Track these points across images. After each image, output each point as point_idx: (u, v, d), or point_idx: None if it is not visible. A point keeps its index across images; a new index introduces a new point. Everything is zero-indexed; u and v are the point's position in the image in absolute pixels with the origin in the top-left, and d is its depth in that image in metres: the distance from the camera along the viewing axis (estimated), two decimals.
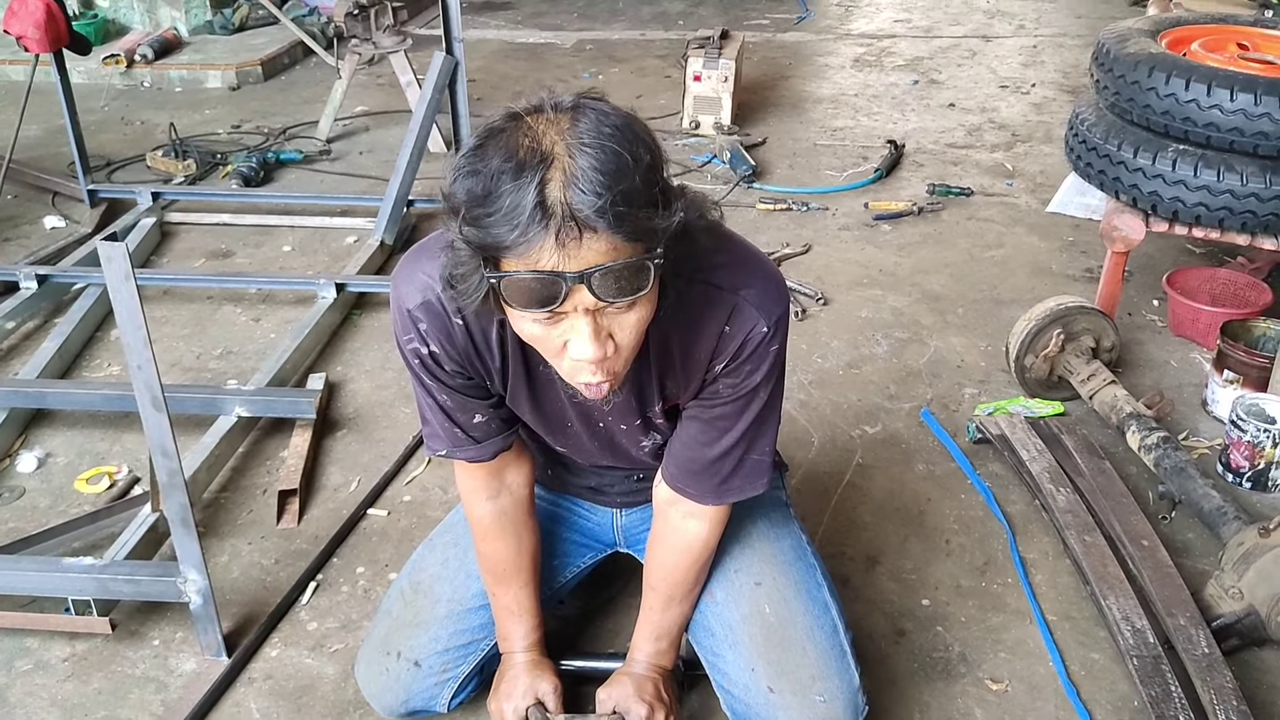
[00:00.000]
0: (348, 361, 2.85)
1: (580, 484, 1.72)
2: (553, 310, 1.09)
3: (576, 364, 1.17)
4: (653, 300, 1.17)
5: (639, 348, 1.21)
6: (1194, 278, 2.92)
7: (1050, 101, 4.75)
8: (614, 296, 1.09)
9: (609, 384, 1.21)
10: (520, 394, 1.42)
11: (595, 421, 1.48)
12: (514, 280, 1.07)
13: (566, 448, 1.58)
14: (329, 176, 4.10)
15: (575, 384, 1.23)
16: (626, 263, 1.07)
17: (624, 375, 1.25)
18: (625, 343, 1.17)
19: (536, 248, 1.04)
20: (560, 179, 1.03)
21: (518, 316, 1.15)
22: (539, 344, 1.19)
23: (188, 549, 1.76)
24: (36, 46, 3.27)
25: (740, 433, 1.41)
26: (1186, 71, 2.28)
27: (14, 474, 2.40)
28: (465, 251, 1.11)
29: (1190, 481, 2.11)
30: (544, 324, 1.13)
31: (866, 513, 2.25)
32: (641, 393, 1.41)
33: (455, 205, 1.10)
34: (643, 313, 1.16)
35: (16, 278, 3.08)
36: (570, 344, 1.14)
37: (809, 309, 3.05)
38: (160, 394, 1.63)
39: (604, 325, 1.14)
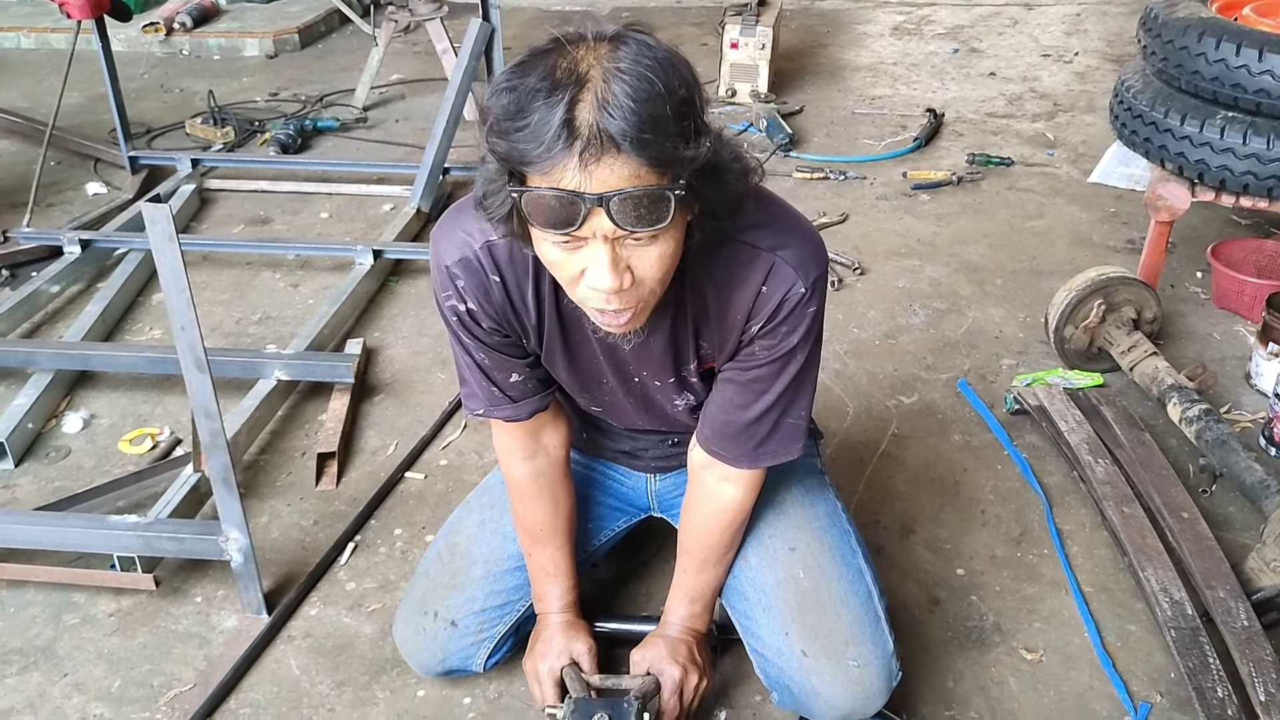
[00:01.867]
0: (385, 327, 2.87)
1: (615, 448, 1.73)
2: (570, 233, 1.09)
3: (592, 292, 1.16)
4: (675, 237, 1.16)
5: (663, 284, 1.20)
6: (1239, 249, 2.87)
7: (1093, 70, 4.66)
8: (632, 224, 1.08)
9: (628, 316, 1.20)
10: (555, 351, 1.43)
11: (630, 378, 1.48)
12: (535, 196, 1.08)
13: (602, 407, 1.58)
14: (365, 144, 4.12)
15: (591, 312, 1.22)
16: (647, 189, 1.06)
17: (646, 314, 1.24)
18: (645, 276, 1.16)
19: (559, 166, 1.04)
20: (591, 101, 1.03)
21: (539, 238, 1.15)
22: (557, 270, 1.19)
23: (229, 508, 1.79)
24: (78, 13, 3.29)
25: (776, 396, 1.40)
26: (1237, 36, 2.23)
27: (60, 434, 2.44)
28: (494, 167, 1.12)
29: (1232, 454, 2.08)
30: (563, 248, 1.13)
31: (902, 482, 2.24)
32: (677, 349, 1.41)
33: (488, 117, 1.10)
34: (664, 248, 1.15)
35: (61, 242, 3.12)
36: (588, 272, 1.14)
37: (846, 279, 3.03)
38: (203, 355, 1.65)
39: (623, 256, 1.13)
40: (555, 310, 1.37)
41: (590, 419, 1.66)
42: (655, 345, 1.40)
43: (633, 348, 1.39)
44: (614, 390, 1.51)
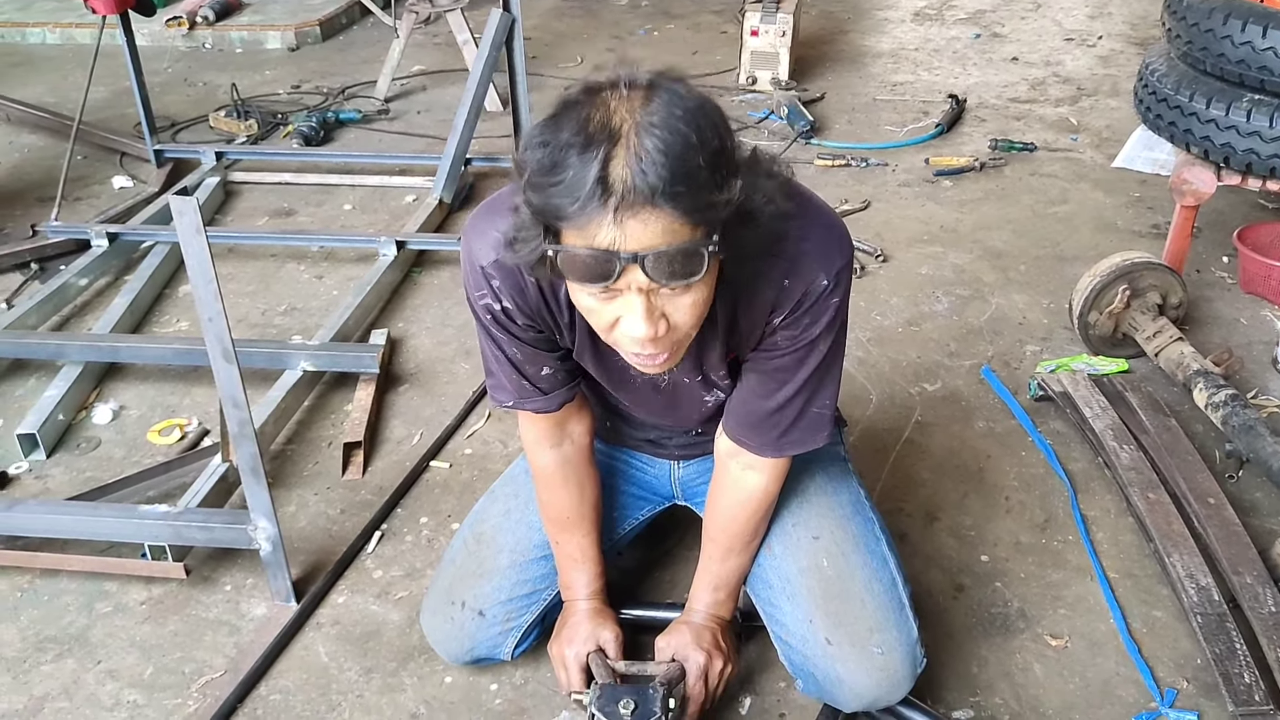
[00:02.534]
0: (409, 318, 2.89)
1: (639, 436, 1.74)
2: (606, 287, 1.12)
3: (627, 339, 1.19)
4: (708, 284, 1.18)
5: (696, 328, 1.22)
6: (1266, 233, 2.85)
7: (1117, 54, 4.62)
8: (666, 279, 1.10)
9: (665, 358, 1.23)
10: (585, 350, 1.44)
11: (659, 378, 1.49)
12: (570, 254, 1.10)
13: (630, 402, 1.59)
14: (387, 136, 4.14)
15: (627, 356, 1.25)
16: (681, 247, 1.08)
17: (681, 354, 1.27)
18: (679, 322, 1.19)
19: (594, 222, 1.06)
20: (624, 156, 1.05)
21: (574, 287, 1.18)
22: (592, 317, 1.21)
23: (258, 497, 1.81)
24: (103, 8, 3.32)
25: (799, 385, 1.41)
26: (1264, 18, 2.20)
27: (90, 425, 2.48)
28: (528, 217, 1.13)
29: (1259, 440, 2.07)
30: (598, 299, 1.16)
31: (925, 469, 2.24)
32: (704, 349, 1.41)
33: (524, 171, 1.11)
34: (698, 295, 1.17)
35: (88, 236, 3.15)
36: (622, 320, 1.17)
37: (868, 266, 3.02)
38: (230, 346, 1.67)
39: (658, 305, 1.15)
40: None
41: (615, 409, 1.67)
42: (681, 365, 1.40)
43: None
44: (642, 389, 1.53)
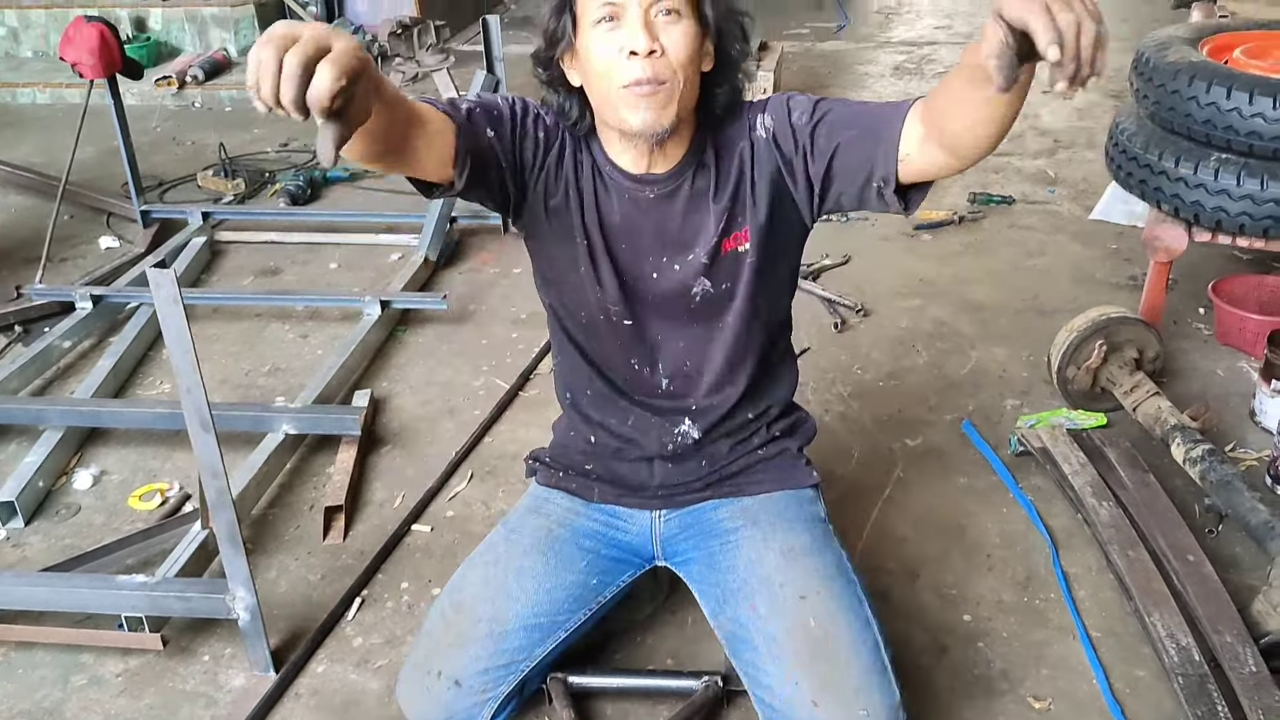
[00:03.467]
0: (393, 377, 2.89)
1: (617, 432, 1.74)
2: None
3: (629, 65, 1.38)
4: (695, 30, 1.41)
5: (685, 70, 1.41)
6: (1241, 285, 2.88)
7: (1094, 106, 4.70)
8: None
9: (661, 94, 1.40)
10: (597, 238, 1.58)
11: (649, 257, 1.59)
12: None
13: (623, 305, 1.62)
14: (374, 193, 4.17)
15: (630, 101, 1.41)
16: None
17: (674, 103, 1.42)
18: (671, 48, 1.39)
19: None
20: None
21: (587, 30, 1.41)
22: (602, 64, 1.41)
23: (236, 567, 1.80)
24: (91, 73, 3.36)
25: (863, 103, 1.53)
26: (1227, 80, 2.25)
27: (70, 491, 2.47)
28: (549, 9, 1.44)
29: (1237, 495, 2.08)
30: (606, 30, 1.39)
31: (907, 526, 2.24)
32: (696, 207, 1.56)
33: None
34: (686, 28, 1.41)
35: (73, 298, 3.16)
36: (624, 44, 1.38)
37: (849, 320, 3.04)
38: (209, 416, 1.67)
39: (654, 29, 1.39)
40: (591, 175, 1.56)
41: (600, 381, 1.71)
42: (678, 201, 1.56)
43: (655, 210, 1.56)
44: (631, 276, 1.60)
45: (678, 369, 1.69)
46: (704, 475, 1.75)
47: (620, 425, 1.74)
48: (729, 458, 1.76)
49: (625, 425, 1.74)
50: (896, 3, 6.64)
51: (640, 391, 1.71)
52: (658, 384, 1.70)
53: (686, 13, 1.42)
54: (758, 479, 1.76)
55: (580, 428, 1.78)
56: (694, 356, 1.67)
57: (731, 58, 1.50)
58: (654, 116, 1.43)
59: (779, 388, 1.78)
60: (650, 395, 1.71)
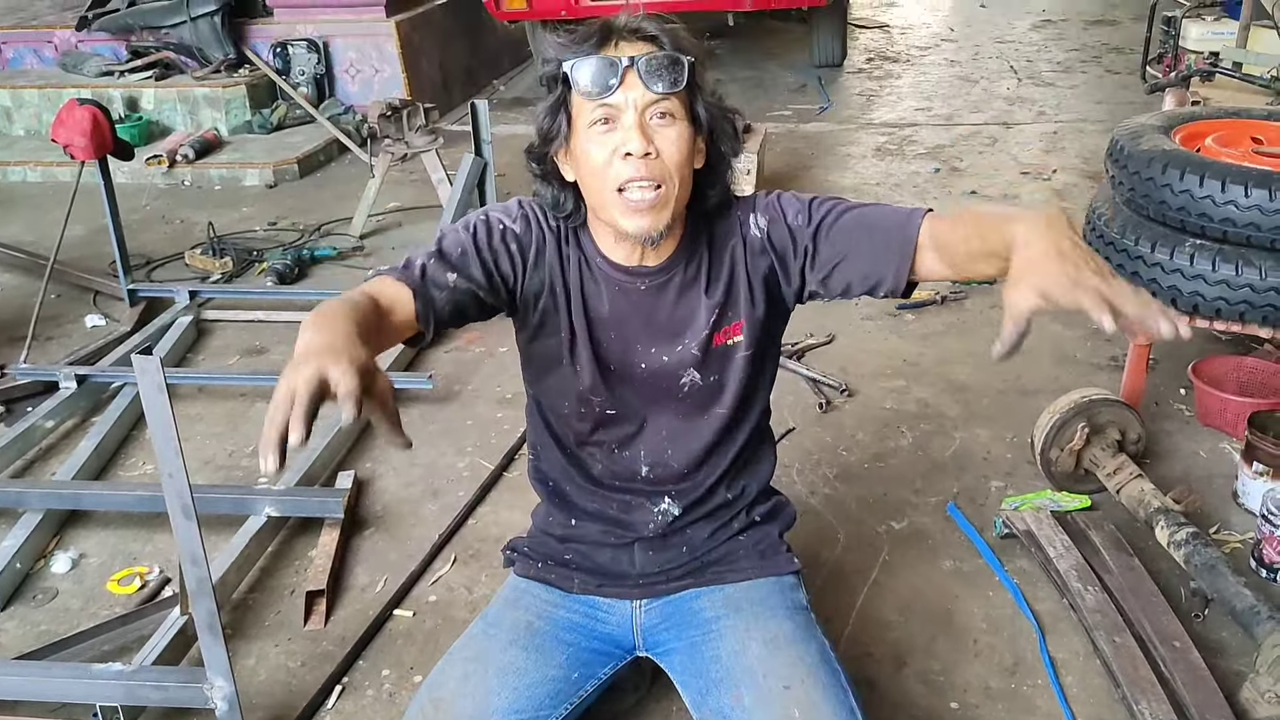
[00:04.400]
0: (377, 458, 2.88)
1: (597, 515, 1.73)
2: (608, 99, 1.41)
3: (624, 165, 1.41)
4: (689, 133, 1.46)
5: (679, 172, 1.45)
6: (1220, 366, 2.91)
7: (1072, 187, 4.78)
8: (657, 81, 1.41)
9: (655, 196, 1.43)
10: (581, 317, 1.59)
11: (638, 349, 1.61)
12: (582, 63, 1.42)
13: (606, 395, 1.63)
14: (362, 272, 4.19)
15: (622, 205, 1.44)
16: (667, 53, 1.42)
17: (668, 208, 1.46)
18: (665, 151, 1.43)
19: (600, 50, 1.43)
20: (624, 19, 1.46)
21: (582, 129, 1.44)
22: (597, 164, 1.44)
23: (215, 655, 1.78)
24: (82, 154, 3.40)
25: (857, 205, 1.59)
26: (1200, 168, 2.30)
27: (48, 575, 2.44)
28: (544, 105, 1.48)
29: (1222, 579, 2.08)
30: (601, 132, 1.43)
31: (893, 611, 2.23)
32: (687, 303, 1.59)
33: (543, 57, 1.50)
34: (680, 131, 1.44)
35: (57, 378, 3.16)
36: (620, 146, 1.41)
37: (833, 400, 3.06)
38: (190, 503, 1.66)
39: (649, 132, 1.42)
40: (578, 270, 1.58)
41: (578, 471, 1.71)
42: (669, 292, 1.58)
43: (646, 301, 1.58)
44: (618, 370, 1.62)
45: (659, 457, 1.70)
46: (684, 563, 1.75)
47: (601, 508, 1.74)
48: (709, 544, 1.75)
49: (606, 509, 1.74)
50: (878, 85, 6.78)
51: (620, 478, 1.71)
52: (638, 470, 1.71)
53: (680, 115, 1.45)
54: (739, 566, 1.75)
55: (558, 514, 1.78)
56: (676, 444, 1.69)
57: (723, 155, 1.54)
58: (650, 222, 1.46)
59: (760, 468, 1.79)
60: (630, 481, 1.71)
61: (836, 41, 7.05)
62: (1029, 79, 6.74)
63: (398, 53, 6.13)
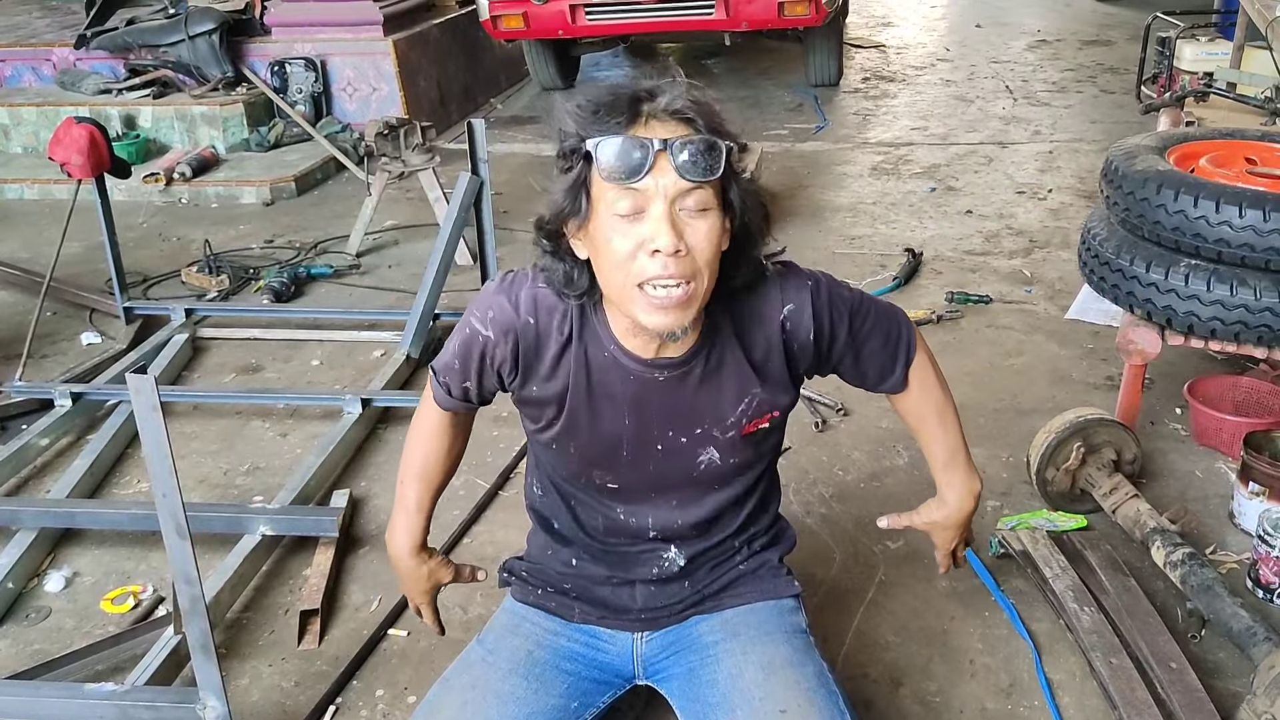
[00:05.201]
0: (372, 476, 2.88)
1: (599, 558, 1.72)
2: (637, 183, 1.28)
3: (650, 261, 1.30)
4: (720, 224, 1.34)
5: (708, 268, 1.34)
6: (1216, 386, 2.91)
7: (1067, 207, 4.80)
8: (690, 169, 1.28)
9: (682, 293, 1.32)
10: (580, 408, 1.51)
11: (652, 439, 1.56)
12: (609, 144, 1.28)
13: (613, 471, 1.61)
14: (358, 290, 4.20)
15: (643, 302, 1.34)
16: (703, 137, 1.29)
17: (695, 306, 1.36)
18: (696, 246, 1.31)
19: (629, 128, 1.30)
20: (655, 93, 1.34)
21: (604, 217, 1.32)
22: (619, 257, 1.32)
23: (208, 675, 1.77)
24: (79, 172, 3.40)
25: (884, 331, 1.67)
26: (1194, 189, 2.31)
27: (41, 594, 2.43)
28: (560, 185, 1.35)
29: (1218, 600, 2.08)
30: (626, 221, 1.30)
31: (889, 632, 2.22)
32: (712, 395, 1.52)
33: (563, 124, 1.36)
34: (712, 223, 1.32)
35: (52, 395, 3.15)
36: (647, 239, 1.30)
37: (829, 420, 3.06)
38: (184, 522, 1.66)
39: (680, 225, 1.30)
40: (584, 363, 1.50)
41: (581, 530, 1.71)
42: (689, 383, 1.49)
43: (664, 391, 1.50)
44: (632, 454, 1.57)
45: (669, 523, 1.69)
46: (687, 597, 1.74)
47: (604, 552, 1.73)
48: (711, 577, 1.75)
49: (608, 555, 1.73)
50: (874, 105, 6.81)
51: (625, 534, 1.70)
52: (644, 531, 1.69)
53: (713, 205, 1.33)
54: (738, 591, 1.75)
55: (559, 549, 1.76)
56: (687, 511, 1.67)
57: (752, 236, 1.43)
58: (674, 320, 1.36)
59: (766, 510, 1.80)
60: (635, 539, 1.70)
61: (833, 61, 7.08)
62: (1024, 99, 6.77)
63: (395, 71, 6.15)
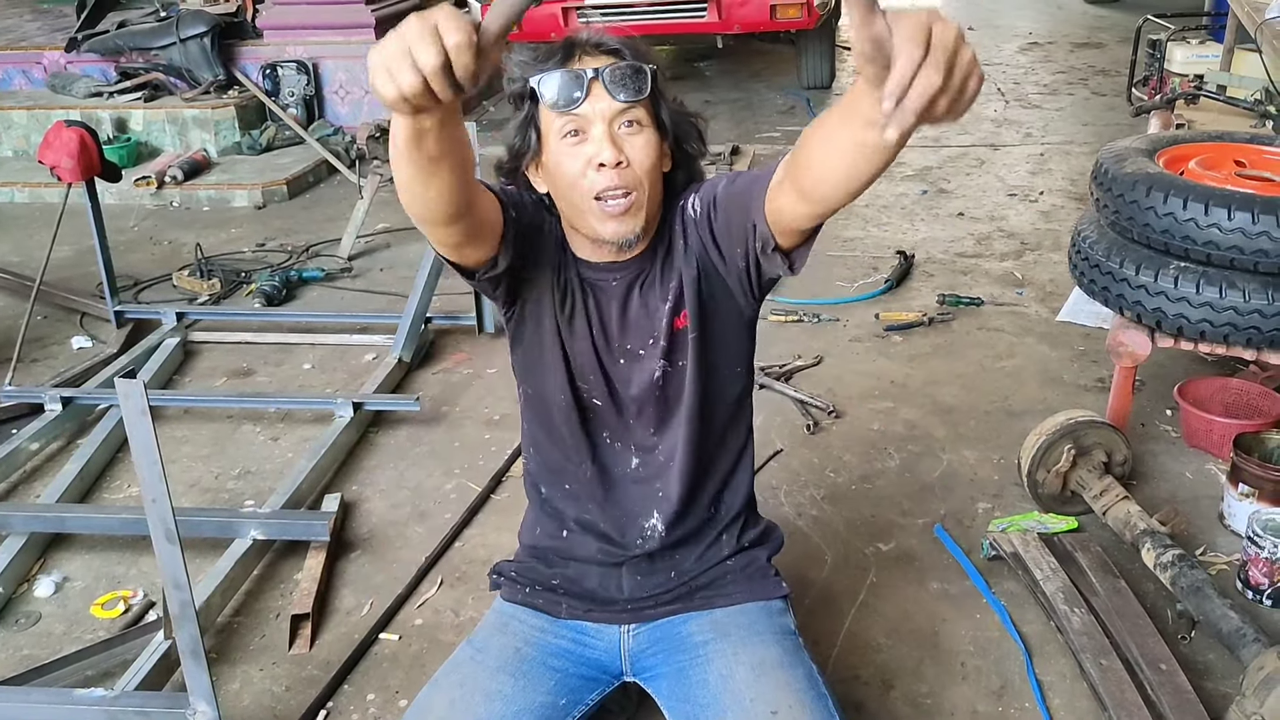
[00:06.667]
0: (363, 480, 2.87)
1: (588, 526, 1.73)
2: (576, 110, 1.45)
3: (597, 175, 1.46)
4: (656, 139, 1.51)
5: (649, 177, 1.50)
6: (1206, 387, 2.92)
7: (1058, 209, 4.81)
8: (621, 90, 1.46)
9: (628, 201, 1.48)
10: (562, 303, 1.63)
11: (615, 348, 1.65)
12: (549, 77, 1.46)
13: (588, 381, 1.66)
14: (350, 293, 4.19)
15: (597, 212, 1.49)
16: (630, 63, 1.48)
17: (641, 211, 1.51)
18: (635, 159, 1.48)
19: (565, 64, 1.48)
20: (586, 32, 1.53)
21: (553, 141, 1.49)
22: (571, 176, 1.48)
23: (198, 680, 1.77)
24: (69, 176, 3.40)
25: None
26: (1183, 191, 2.32)
27: (31, 599, 2.42)
28: (516, 117, 1.53)
29: (1208, 601, 2.08)
30: (572, 143, 1.47)
31: (880, 634, 2.23)
32: (651, 291, 1.63)
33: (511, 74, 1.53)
34: (648, 138, 1.50)
35: (42, 400, 3.14)
36: (592, 157, 1.46)
37: (821, 421, 3.06)
38: (174, 527, 1.65)
39: (619, 141, 1.47)
40: (562, 263, 1.62)
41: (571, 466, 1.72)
42: (638, 287, 1.62)
43: (619, 297, 1.62)
44: (602, 361, 1.65)
45: (646, 449, 1.71)
46: (672, 588, 1.74)
47: (593, 519, 1.73)
48: (697, 567, 1.75)
49: (598, 518, 1.73)
50: None
51: (611, 471, 1.72)
52: (628, 462, 1.71)
53: (647, 122, 1.51)
54: (727, 591, 1.75)
55: (548, 523, 1.78)
56: (660, 436, 1.70)
57: (689, 155, 1.62)
58: (626, 226, 1.52)
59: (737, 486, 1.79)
60: (620, 477, 1.72)
61: (825, 63, 7.09)
62: (1016, 101, 6.79)
63: None
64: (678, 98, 1.58)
